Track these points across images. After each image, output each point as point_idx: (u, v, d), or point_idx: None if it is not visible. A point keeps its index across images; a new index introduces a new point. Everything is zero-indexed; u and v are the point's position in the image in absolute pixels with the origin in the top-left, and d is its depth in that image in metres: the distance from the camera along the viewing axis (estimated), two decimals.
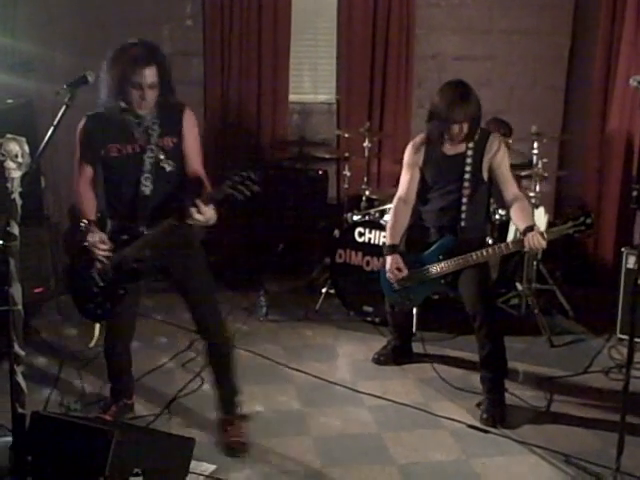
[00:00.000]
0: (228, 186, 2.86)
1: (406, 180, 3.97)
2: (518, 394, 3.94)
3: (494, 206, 4.87)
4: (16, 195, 2.57)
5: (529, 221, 3.66)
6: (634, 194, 5.21)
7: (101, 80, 3.07)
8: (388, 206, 4.90)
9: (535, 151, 5.00)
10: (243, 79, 6.08)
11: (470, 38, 6.38)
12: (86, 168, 3.29)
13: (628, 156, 5.49)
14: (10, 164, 2.53)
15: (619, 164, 5.55)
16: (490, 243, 4.20)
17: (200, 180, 3.21)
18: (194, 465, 3.16)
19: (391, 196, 4.11)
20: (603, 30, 5.73)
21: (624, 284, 4.56)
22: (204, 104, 6.13)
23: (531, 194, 4.94)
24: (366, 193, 5.44)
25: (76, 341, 4.55)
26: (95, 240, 3.17)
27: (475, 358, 3.93)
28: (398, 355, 4.42)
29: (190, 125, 3.27)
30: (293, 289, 5.69)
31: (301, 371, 4.28)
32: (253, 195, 2.87)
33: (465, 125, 3.69)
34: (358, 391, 4.05)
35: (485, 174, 3.82)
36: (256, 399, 3.94)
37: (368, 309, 4.94)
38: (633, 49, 5.36)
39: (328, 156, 6.15)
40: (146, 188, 3.17)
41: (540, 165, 4.98)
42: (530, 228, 3.57)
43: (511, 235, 4.99)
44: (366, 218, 5.05)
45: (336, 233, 5.25)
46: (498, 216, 5.05)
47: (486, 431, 3.63)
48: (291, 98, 6.26)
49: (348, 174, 5.66)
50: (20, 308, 2.63)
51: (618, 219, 5.59)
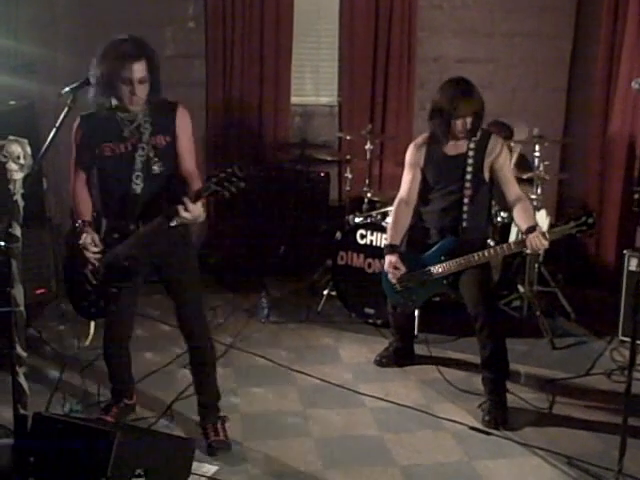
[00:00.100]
0: (214, 183, 2.84)
1: (407, 180, 3.97)
2: (520, 396, 3.93)
3: (496, 208, 4.87)
4: (18, 197, 2.57)
5: (531, 221, 3.66)
6: (636, 196, 5.23)
7: (91, 77, 3.04)
8: (390, 208, 4.87)
9: (537, 154, 5.00)
10: (245, 81, 6.08)
11: (472, 40, 6.40)
12: (82, 168, 3.28)
13: (630, 159, 5.50)
14: (12, 166, 2.53)
15: (621, 167, 5.55)
16: (491, 244, 4.19)
17: (192, 179, 3.16)
18: (196, 466, 3.16)
19: (393, 198, 4.11)
20: (605, 32, 5.74)
21: (626, 286, 4.57)
22: (206, 106, 6.14)
23: (533, 197, 4.94)
24: (368, 195, 5.44)
25: (78, 342, 4.54)
26: (87, 242, 3.16)
27: (477, 360, 3.93)
28: (400, 357, 4.42)
29: (184, 124, 3.23)
30: (295, 291, 5.69)
31: (303, 373, 4.28)
32: (239, 191, 2.84)
33: (468, 120, 3.69)
34: (360, 393, 4.05)
35: (486, 175, 3.82)
36: (257, 401, 3.95)
37: (370, 311, 4.94)
38: (635, 52, 5.36)
39: (330, 158, 6.15)
40: (137, 187, 3.15)
41: (542, 168, 4.98)
42: (532, 228, 3.57)
43: (513, 237, 4.99)
44: (368, 220, 5.05)
45: (338, 235, 5.25)
46: (500, 218, 5.05)
47: (488, 433, 3.62)
48: (293, 100, 6.27)
49: (350, 176, 5.67)
50: (22, 309, 2.63)
51: (620, 221, 5.59)
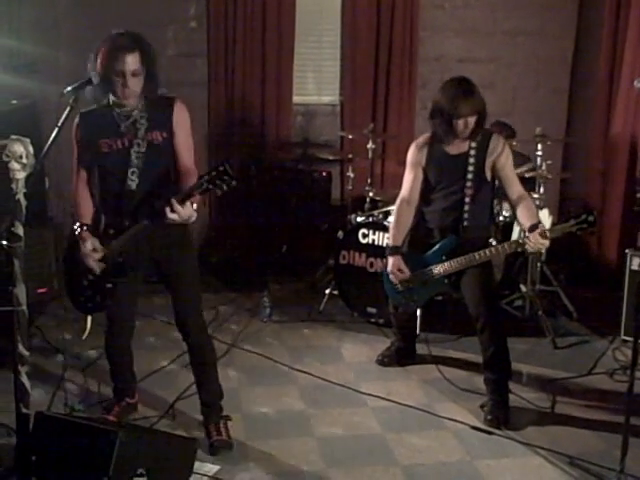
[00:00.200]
0: (206, 181, 2.82)
1: (409, 180, 3.97)
2: (522, 395, 3.93)
3: (498, 207, 4.87)
4: (20, 196, 2.58)
5: (534, 219, 3.65)
6: (638, 196, 5.23)
7: (92, 76, 3.04)
8: (392, 207, 4.88)
9: (539, 153, 4.99)
10: (247, 80, 6.09)
11: (474, 40, 6.40)
12: (83, 167, 3.28)
13: (632, 158, 5.49)
14: (15, 165, 2.54)
15: (623, 166, 5.55)
16: (493, 243, 4.19)
17: (189, 176, 3.12)
18: (198, 466, 3.17)
19: (395, 197, 4.11)
20: (607, 32, 5.74)
21: (628, 285, 4.57)
22: (208, 105, 6.14)
23: (535, 196, 4.93)
24: (370, 194, 5.43)
25: (80, 341, 4.55)
26: (88, 249, 3.15)
27: (479, 359, 3.92)
28: (402, 356, 4.42)
29: (181, 119, 3.19)
30: (296, 290, 5.69)
31: (304, 372, 4.28)
32: (229, 189, 2.83)
33: (470, 120, 3.68)
34: (361, 392, 4.05)
35: (488, 174, 3.81)
36: (259, 400, 3.95)
37: (372, 310, 4.94)
38: (637, 51, 5.35)
39: (332, 157, 6.16)
40: (132, 183, 3.14)
41: (544, 167, 4.98)
42: (535, 226, 3.56)
43: (515, 235, 4.98)
44: (370, 219, 5.04)
45: (340, 234, 5.25)
46: (502, 217, 5.05)
47: (490, 432, 3.62)
48: (295, 100, 6.27)
49: (352, 175, 5.67)
50: (24, 308, 2.64)
51: (622, 221, 5.58)
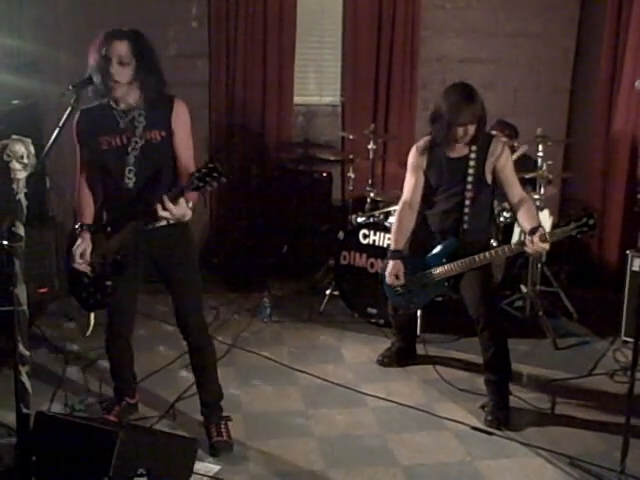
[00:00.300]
0: (197, 178, 2.82)
1: (411, 184, 3.96)
2: (522, 396, 3.93)
3: (499, 208, 4.87)
4: (21, 196, 2.57)
5: (534, 222, 3.64)
6: (639, 196, 5.22)
7: (88, 70, 3.06)
8: (393, 208, 4.90)
9: (540, 154, 4.99)
10: (248, 81, 6.08)
11: (475, 41, 6.39)
12: (85, 164, 3.27)
13: (633, 159, 5.49)
14: (16, 165, 2.53)
15: (624, 167, 5.55)
16: (494, 245, 4.19)
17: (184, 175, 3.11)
18: (198, 466, 3.18)
19: (396, 198, 4.11)
20: (608, 33, 5.74)
21: (629, 286, 4.57)
22: (209, 106, 6.14)
23: (536, 196, 4.93)
24: (370, 195, 5.43)
25: (80, 341, 4.56)
26: (76, 252, 3.17)
27: (479, 360, 3.92)
28: (402, 357, 4.42)
29: (180, 118, 3.17)
30: (297, 291, 5.69)
31: (305, 372, 4.28)
32: (219, 185, 2.84)
33: (470, 127, 3.69)
34: (362, 392, 4.05)
35: (488, 177, 3.81)
36: (260, 400, 3.95)
37: (372, 311, 4.94)
38: (638, 52, 5.35)
39: (333, 158, 6.15)
40: (129, 181, 3.14)
41: (545, 167, 4.97)
42: (535, 229, 3.55)
43: (515, 237, 4.99)
44: (370, 220, 5.04)
45: (340, 235, 5.25)
46: (503, 218, 5.05)
47: (490, 433, 3.62)
48: (296, 100, 6.27)
49: (352, 176, 5.67)
50: (25, 308, 2.63)
51: (623, 221, 5.58)
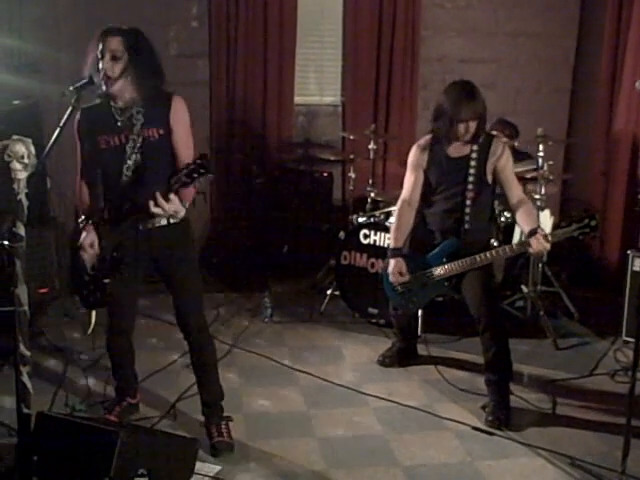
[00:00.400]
0: (184, 175, 2.81)
1: (410, 182, 3.97)
2: (523, 396, 3.93)
3: (499, 208, 4.86)
4: (22, 196, 2.57)
5: (533, 224, 3.66)
6: None
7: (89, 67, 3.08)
8: (393, 208, 4.89)
9: (541, 154, 4.98)
10: (249, 81, 6.08)
11: (475, 40, 6.39)
12: (85, 162, 3.26)
13: (634, 159, 5.49)
14: (16, 165, 2.53)
15: (625, 167, 5.54)
16: (495, 245, 4.19)
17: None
18: (199, 466, 3.17)
19: (396, 198, 4.10)
20: (609, 32, 5.73)
21: (630, 287, 4.56)
22: (209, 105, 6.14)
23: (536, 197, 4.93)
24: (371, 195, 5.43)
25: (81, 341, 4.56)
26: (86, 242, 3.15)
27: (480, 360, 3.92)
28: (403, 357, 4.42)
29: (179, 115, 3.16)
30: (298, 291, 5.69)
31: (306, 372, 4.28)
32: (205, 181, 2.84)
33: (471, 124, 3.69)
34: (363, 393, 4.05)
35: (489, 177, 3.81)
36: (261, 400, 3.95)
37: (373, 311, 4.93)
38: (639, 52, 5.35)
39: (333, 158, 6.15)
40: (127, 178, 3.13)
41: (546, 167, 4.97)
42: (534, 231, 3.56)
43: (516, 237, 4.98)
44: (371, 220, 5.04)
45: (341, 235, 5.24)
46: (504, 218, 5.04)
47: (491, 433, 3.62)
48: (296, 100, 6.27)
49: (353, 176, 5.66)
50: (26, 309, 2.63)
51: (624, 221, 5.58)
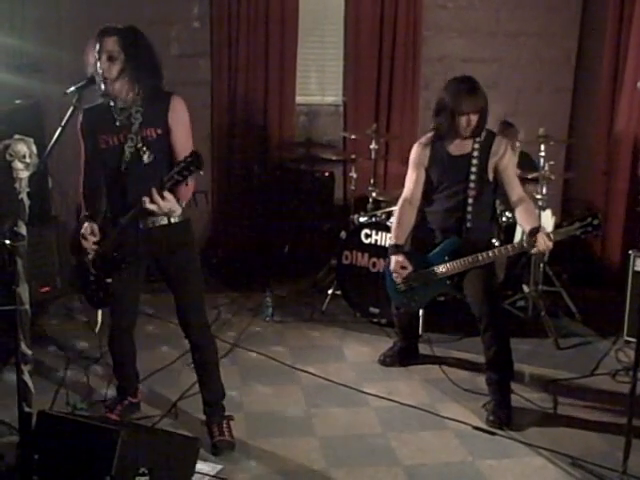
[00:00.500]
0: (176, 172, 2.81)
1: (412, 180, 3.97)
2: (524, 396, 3.93)
3: (501, 208, 4.86)
4: (24, 195, 2.58)
5: (534, 222, 3.66)
6: None
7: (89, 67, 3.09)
8: (394, 208, 4.88)
9: (542, 153, 4.99)
10: (250, 80, 6.09)
11: (477, 40, 6.40)
12: (88, 160, 3.27)
13: (635, 158, 5.49)
14: (18, 165, 2.54)
15: (626, 166, 5.54)
16: (496, 244, 4.19)
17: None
18: (200, 465, 3.17)
19: (397, 198, 4.10)
20: (610, 33, 5.74)
21: (631, 286, 4.56)
22: (211, 105, 6.15)
23: (538, 196, 4.93)
24: (373, 195, 5.43)
25: (82, 340, 4.56)
26: (86, 232, 3.16)
27: (481, 359, 3.92)
28: (404, 356, 4.42)
29: (177, 115, 3.15)
30: (299, 290, 5.69)
31: (307, 372, 4.28)
32: (199, 174, 2.84)
33: (473, 117, 3.69)
34: (364, 392, 4.05)
35: (490, 175, 3.81)
36: (262, 399, 3.95)
37: (374, 310, 4.94)
38: None
39: (335, 158, 6.16)
40: (125, 178, 3.13)
41: (547, 167, 4.97)
42: (536, 230, 3.57)
43: (518, 237, 4.98)
44: (372, 220, 5.05)
45: (342, 234, 5.25)
46: (505, 218, 5.04)
47: (492, 433, 3.62)
48: (298, 100, 6.28)
49: (355, 176, 5.67)
50: (27, 308, 2.64)
51: (625, 221, 5.58)
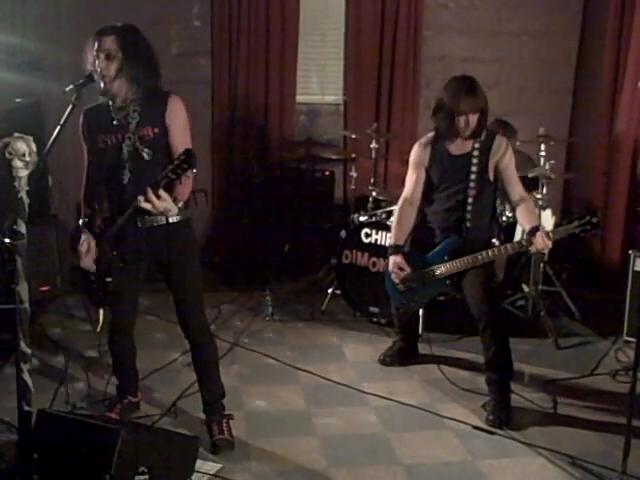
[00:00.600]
0: (170, 171, 2.82)
1: (412, 180, 3.97)
2: (524, 396, 3.93)
3: (501, 207, 4.86)
4: (23, 194, 2.58)
5: (534, 222, 3.66)
6: None
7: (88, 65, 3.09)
8: (395, 207, 4.88)
9: (542, 153, 4.99)
10: (250, 79, 6.09)
11: (478, 40, 6.39)
12: (90, 163, 3.27)
13: (635, 158, 5.49)
14: (17, 163, 2.54)
15: (626, 167, 5.54)
16: (496, 244, 4.19)
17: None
18: (200, 464, 3.17)
19: (398, 197, 4.10)
20: (611, 33, 5.73)
21: (631, 286, 4.56)
22: (211, 104, 6.15)
23: (538, 196, 4.92)
24: (373, 194, 5.43)
25: (82, 339, 4.56)
26: (82, 249, 3.19)
27: (481, 359, 3.92)
28: (404, 356, 4.42)
29: (175, 114, 3.14)
30: (299, 289, 5.69)
31: (307, 371, 4.28)
32: (192, 173, 2.83)
33: (472, 117, 3.68)
34: (364, 391, 4.05)
35: (491, 174, 3.81)
36: (262, 399, 3.95)
37: (374, 310, 4.93)
38: None
39: (335, 157, 6.15)
40: (125, 177, 3.14)
41: (547, 167, 4.97)
42: (536, 228, 3.57)
43: (518, 236, 4.98)
44: (373, 219, 5.04)
45: (342, 234, 5.24)
46: (505, 217, 5.04)
47: (492, 432, 3.62)
48: (298, 99, 6.27)
49: (355, 175, 5.66)
50: (27, 306, 2.63)
51: (625, 221, 5.57)
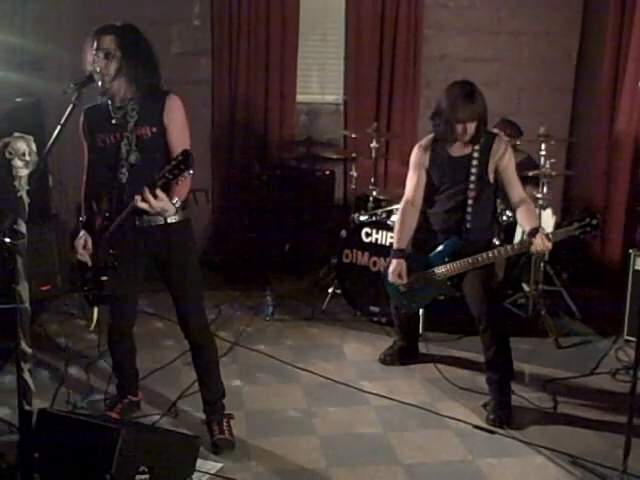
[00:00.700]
0: (168, 171, 2.81)
1: (413, 182, 3.96)
2: (524, 395, 3.93)
3: (501, 207, 4.86)
4: (23, 193, 2.58)
5: (534, 223, 3.66)
6: None
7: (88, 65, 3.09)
8: (395, 207, 4.90)
9: (543, 153, 4.99)
10: (251, 79, 6.09)
11: (478, 39, 6.40)
12: (90, 162, 3.27)
13: (635, 158, 5.49)
14: (18, 162, 2.54)
15: (626, 166, 5.54)
16: (497, 244, 4.19)
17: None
18: (200, 463, 3.17)
19: (398, 197, 4.11)
20: (611, 32, 5.73)
21: (631, 285, 4.56)
22: (212, 104, 6.16)
23: (538, 196, 4.92)
24: (373, 193, 5.43)
25: (82, 339, 4.56)
26: (79, 244, 3.19)
27: (481, 358, 3.92)
28: (404, 355, 4.42)
29: (173, 114, 3.14)
30: (299, 289, 5.70)
31: (307, 370, 4.28)
32: (189, 173, 2.83)
33: (469, 125, 3.67)
34: (364, 391, 4.05)
35: (491, 176, 3.81)
36: (262, 398, 3.95)
37: (374, 309, 4.94)
38: None
39: (335, 156, 6.15)
40: (122, 176, 3.13)
41: (548, 166, 4.97)
42: (536, 230, 3.56)
43: (518, 237, 4.98)
44: (373, 218, 5.04)
45: (343, 233, 5.24)
46: (505, 217, 5.04)
47: (492, 432, 3.62)
48: (299, 98, 6.27)
49: (355, 174, 5.66)
50: (27, 306, 2.64)
51: (625, 220, 5.58)
